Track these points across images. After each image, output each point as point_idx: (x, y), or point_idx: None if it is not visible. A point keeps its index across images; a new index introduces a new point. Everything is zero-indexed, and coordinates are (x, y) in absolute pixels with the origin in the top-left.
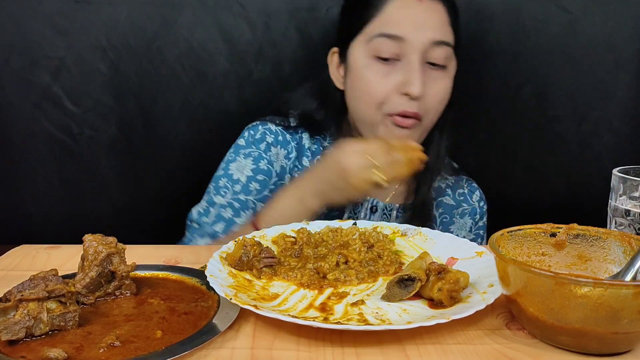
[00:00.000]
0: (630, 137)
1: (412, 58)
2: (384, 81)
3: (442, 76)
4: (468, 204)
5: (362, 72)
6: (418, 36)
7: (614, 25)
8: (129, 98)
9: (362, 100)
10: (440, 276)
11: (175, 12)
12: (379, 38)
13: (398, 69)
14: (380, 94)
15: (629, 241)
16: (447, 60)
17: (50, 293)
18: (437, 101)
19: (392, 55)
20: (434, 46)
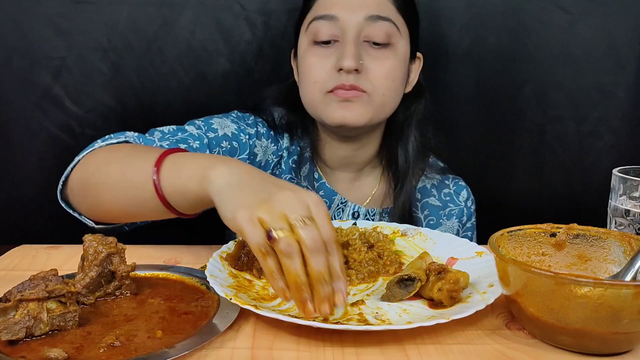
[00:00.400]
0: (630, 137)
1: (346, 35)
2: (322, 62)
3: (386, 55)
4: (455, 205)
5: (304, 58)
6: (352, 14)
7: (614, 25)
8: (130, 98)
9: (305, 86)
10: (440, 276)
11: (176, 12)
12: (314, 21)
13: (335, 49)
14: (319, 75)
15: (629, 241)
16: (390, 38)
17: (50, 293)
18: (382, 76)
19: (329, 36)
20: (370, 22)
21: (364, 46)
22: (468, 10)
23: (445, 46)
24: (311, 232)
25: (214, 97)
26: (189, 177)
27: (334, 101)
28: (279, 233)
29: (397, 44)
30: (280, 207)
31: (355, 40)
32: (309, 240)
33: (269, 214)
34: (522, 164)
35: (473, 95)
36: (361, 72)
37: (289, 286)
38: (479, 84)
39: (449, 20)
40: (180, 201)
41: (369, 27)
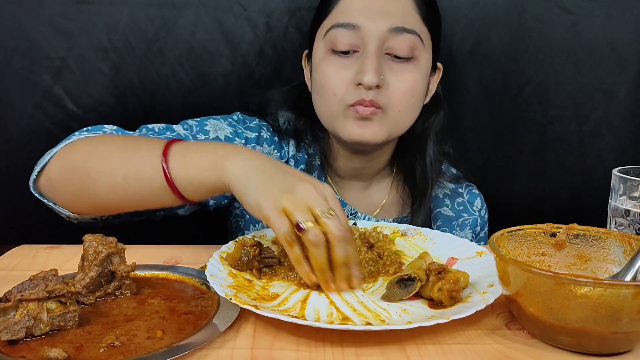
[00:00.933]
0: (631, 138)
1: (368, 47)
2: (340, 73)
3: (408, 68)
4: (469, 214)
5: (320, 67)
6: (374, 23)
7: (616, 25)
8: (130, 98)
9: (321, 94)
10: (440, 276)
11: (176, 12)
12: (333, 29)
13: (355, 60)
14: (337, 86)
15: (629, 241)
16: (414, 51)
17: (50, 293)
18: (401, 92)
19: (349, 46)
20: (394, 34)
21: (385, 59)
22: (471, 10)
23: (449, 46)
24: (337, 223)
25: (214, 98)
26: (203, 168)
27: (352, 117)
28: (308, 224)
29: (420, 57)
30: (303, 199)
31: (377, 53)
32: (336, 231)
33: (294, 206)
34: (523, 163)
35: (475, 95)
36: (381, 88)
37: (314, 270)
38: (482, 83)
39: (452, 20)
40: (192, 191)
41: (392, 39)
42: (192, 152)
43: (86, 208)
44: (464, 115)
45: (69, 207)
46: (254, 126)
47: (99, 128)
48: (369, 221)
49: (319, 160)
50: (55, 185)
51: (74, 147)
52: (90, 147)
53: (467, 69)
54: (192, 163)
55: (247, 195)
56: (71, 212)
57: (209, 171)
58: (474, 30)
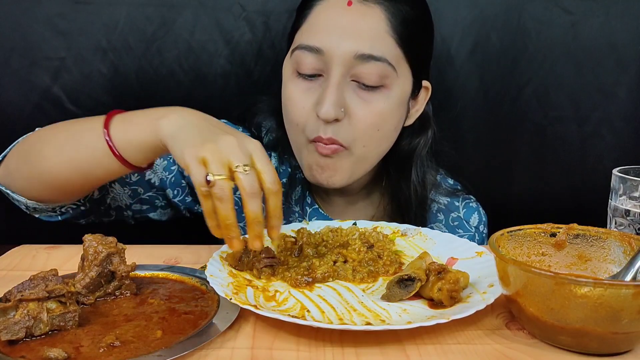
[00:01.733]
0: (631, 138)
1: (331, 73)
2: (303, 99)
3: (376, 98)
4: (464, 230)
5: (285, 87)
6: (339, 48)
7: (616, 26)
8: (129, 99)
9: (286, 120)
10: (440, 276)
11: (175, 12)
12: (298, 50)
13: (319, 85)
14: (299, 115)
15: (629, 241)
16: (384, 80)
17: (50, 293)
18: (366, 125)
19: (313, 70)
20: (361, 61)
21: (351, 85)
22: (470, 11)
23: (448, 47)
24: (250, 179)
25: (213, 98)
26: (141, 129)
27: (314, 153)
28: (216, 177)
29: (392, 85)
30: (224, 151)
31: (341, 81)
32: (247, 186)
33: (212, 157)
34: (523, 164)
35: (475, 95)
36: (342, 120)
37: (221, 225)
38: (481, 84)
39: (452, 20)
40: (134, 154)
41: (358, 67)
42: (132, 116)
43: (40, 189)
44: (463, 115)
45: (25, 191)
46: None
47: None
48: (368, 221)
49: (302, 174)
50: (11, 171)
51: (29, 136)
52: (45, 130)
53: (466, 69)
54: (131, 125)
55: (174, 147)
56: (28, 199)
57: (146, 130)
58: (473, 30)
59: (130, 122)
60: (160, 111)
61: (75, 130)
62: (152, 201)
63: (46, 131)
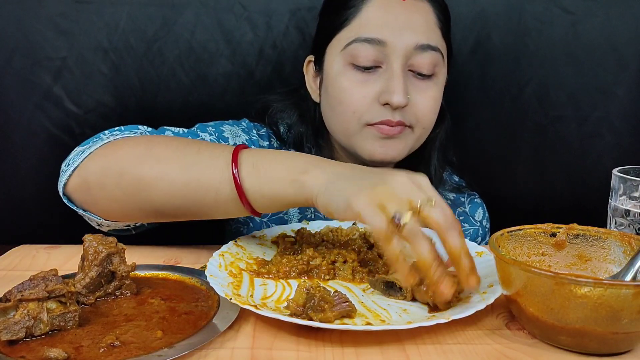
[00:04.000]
0: (631, 138)
1: (393, 64)
2: (361, 89)
3: (430, 86)
4: (470, 224)
5: (336, 80)
6: (400, 39)
7: (616, 26)
8: (130, 99)
9: (337, 110)
10: None
11: (176, 12)
12: (355, 43)
13: (377, 77)
14: (357, 103)
15: (629, 241)
16: (435, 68)
17: (50, 293)
18: (427, 110)
19: (372, 62)
20: (419, 51)
21: (408, 75)
22: (471, 10)
23: None
24: (442, 211)
25: (214, 98)
26: (280, 183)
27: (373, 136)
28: (406, 216)
29: (440, 73)
30: (400, 191)
31: (403, 71)
32: (442, 220)
33: (390, 199)
34: (523, 163)
35: (476, 94)
36: (407, 106)
37: (420, 268)
38: (482, 83)
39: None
40: (265, 204)
41: (416, 57)
42: (265, 163)
43: (131, 215)
44: (464, 115)
45: (108, 213)
46: (264, 134)
47: (133, 127)
48: None
49: None
50: (93, 189)
51: (117, 147)
52: (140, 147)
53: (467, 68)
54: (267, 176)
55: (334, 202)
56: (106, 220)
57: (287, 187)
58: (474, 30)
59: (267, 171)
60: (298, 162)
61: (191, 161)
62: None
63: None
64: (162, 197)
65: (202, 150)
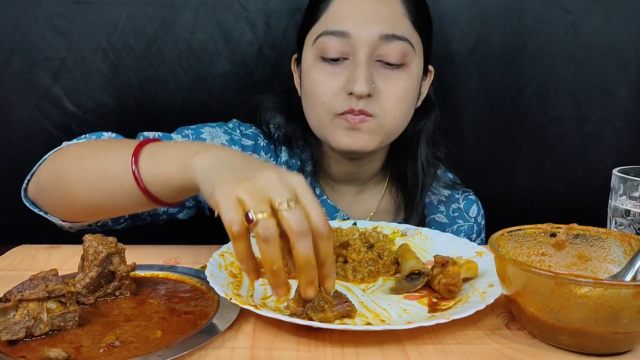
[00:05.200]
0: (632, 137)
1: (358, 54)
2: (330, 81)
3: (400, 75)
4: (464, 220)
5: (309, 74)
6: (364, 30)
7: (616, 25)
8: (129, 99)
9: (310, 102)
10: (442, 269)
11: (176, 12)
12: (323, 36)
13: (345, 68)
14: (326, 95)
15: (629, 241)
16: (405, 58)
17: (50, 293)
18: (394, 99)
19: (339, 54)
20: (385, 41)
21: (376, 66)
22: (471, 10)
23: (448, 46)
24: (297, 215)
25: (213, 98)
26: (171, 166)
27: (341, 126)
28: (258, 215)
29: (411, 63)
30: (263, 188)
31: (368, 61)
32: (296, 224)
33: (250, 194)
34: (523, 163)
35: (476, 95)
36: (372, 96)
37: (265, 271)
38: (482, 83)
39: (452, 20)
40: (162, 190)
41: (383, 46)
42: (161, 152)
43: (71, 213)
44: (464, 115)
45: (55, 213)
46: (251, 134)
47: (97, 135)
48: (369, 221)
49: (312, 166)
50: (42, 192)
51: (60, 153)
52: (72, 152)
53: (467, 68)
54: (160, 162)
55: (206, 188)
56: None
57: (176, 168)
58: (474, 30)
59: (161, 157)
60: (192, 147)
61: (104, 158)
62: (183, 203)
63: (74, 151)
64: (84, 193)
65: (116, 147)
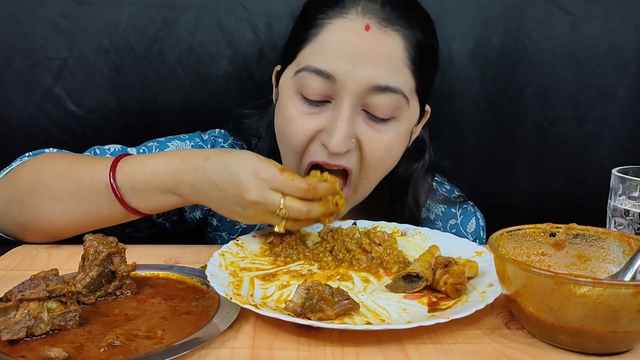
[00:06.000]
0: (631, 138)
1: (342, 104)
2: (304, 123)
3: (386, 129)
4: (461, 236)
5: (284, 105)
6: (353, 76)
7: (615, 26)
8: (130, 99)
9: (281, 142)
10: (445, 269)
11: (177, 13)
12: (305, 72)
13: (325, 111)
14: (297, 139)
15: (628, 241)
16: (396, 112)
17: (51, 293)
18: (376, 157)
19: (319, 96)
20: (375, 92)
21: (361, 115)
22: (471, 12)
23: (449, 47)
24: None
25: (214, 99)
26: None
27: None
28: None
29: (402, 116)
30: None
31: (352, 112)
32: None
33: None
34: (523, 164)
35: (476, 95)
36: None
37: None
38: (482, 84)
39: (453, 21)
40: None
41: (372, 97)
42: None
43: (36, 236)
44: (464, 116)
45: (15, 235)
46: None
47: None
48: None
49: None
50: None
51: (16, 175)
52: (34, 173)
53: (467, 70)
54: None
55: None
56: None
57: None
58: (474, 31)
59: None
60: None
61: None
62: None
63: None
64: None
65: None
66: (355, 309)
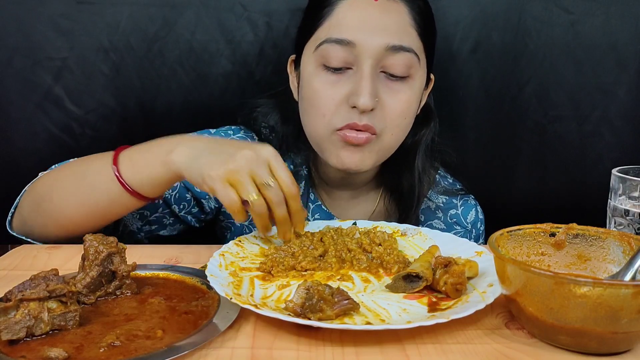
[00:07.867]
0: (631, 137)
1: (363, 65)
2: (331, 92)
3: (403, 89)
4: (461, 226)
5: (309, 81)
6: (370, 40)
7: (615, 25)
8: (131, 99)
9: (309, 113)
10: (446, 269)
11: (177, 12)
12: (326, 44)
13: (347, 78)
14: (327, 107)
15: (628, 241)
16: (410, 70)
17: (51, 293)
18: (396, 115)
19: (342, 63)
20: (391, 52)
21: (379, 77)
22: (471, 10)
23: (449, 46)
24: (275, 191)
25: (214, 98)
26: (152, 167)
27: (339, 144)
28: (252, 198)
29: (415, 75)
30: (245, 168)
31: (373, 73)
32: (274, 198)
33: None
34: (523, 163)
35: (476, 94)
36: (375, 110)
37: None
38: (482, 83)
39: (453, 19)
40: (149, 189)
41: (388, 58)
42: (138, 155)
43: (59, 234)
44: (464, 114)
45: (43, 237)
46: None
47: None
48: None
49: (306, 170)
50: (27, 221)
51: (36, 183)
52: (50, 178)
53: (467, 68)
54: (140, 166)
55: (195, 177)
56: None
57: (158, 168)
58: (474, 29)
59: (139, 162)
60: (165, 145)
61: (83, 174)
62: (160, 220)
63: (53, 177)
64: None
65: (92, 163)
66: (356, 309)
